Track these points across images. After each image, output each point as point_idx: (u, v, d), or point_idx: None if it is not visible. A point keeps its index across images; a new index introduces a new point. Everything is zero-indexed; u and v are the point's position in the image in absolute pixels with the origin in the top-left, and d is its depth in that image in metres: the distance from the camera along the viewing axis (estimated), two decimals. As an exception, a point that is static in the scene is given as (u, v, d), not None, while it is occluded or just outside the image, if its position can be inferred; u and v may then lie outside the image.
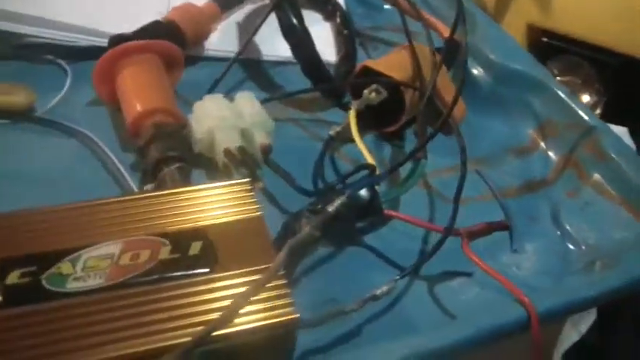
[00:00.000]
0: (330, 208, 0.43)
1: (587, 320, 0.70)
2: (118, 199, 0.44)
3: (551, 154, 0.62)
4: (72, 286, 0.38)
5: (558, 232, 0.56)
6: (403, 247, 0.51)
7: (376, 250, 0.51)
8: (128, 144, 0.55)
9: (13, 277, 0.38)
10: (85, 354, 0.35)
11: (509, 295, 0.44)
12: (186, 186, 0.47)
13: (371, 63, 0.59)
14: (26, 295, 0.37)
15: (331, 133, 0.56)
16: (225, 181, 0.46)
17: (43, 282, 0.38)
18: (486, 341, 0.42)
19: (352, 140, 0.57)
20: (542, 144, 0.63)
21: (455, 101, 0.50)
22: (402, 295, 0.48)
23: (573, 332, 0.64)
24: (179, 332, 0.36)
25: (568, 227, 0.56)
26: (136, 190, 0.51)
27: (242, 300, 0.37)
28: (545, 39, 1.20)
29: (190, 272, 0.39)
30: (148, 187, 0.50)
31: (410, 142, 0.61)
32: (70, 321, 0.36)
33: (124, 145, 0.56)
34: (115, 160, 0.53)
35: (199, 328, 0.36)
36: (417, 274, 0.49)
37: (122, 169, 0.53)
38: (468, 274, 0.50)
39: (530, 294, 0.43)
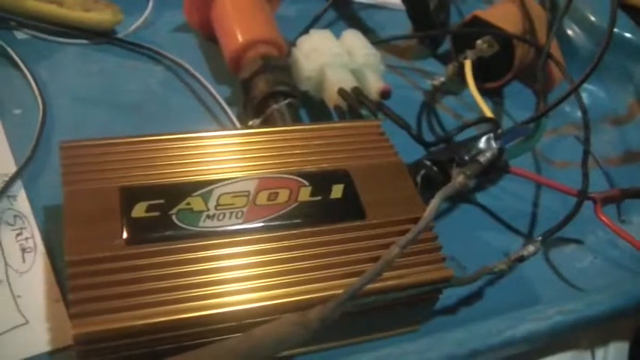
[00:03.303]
0: (483, 159, 0.40)
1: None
2: (239, 132, 0.40)
3: (651, 125, 0.59)
4: (206, 224, 0.34)
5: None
6: (514, 207, 0.49)
7: (489, 209, 0.48)
8: (222, 75, 0.51)
9: (139, 210, 0.34)
10: (224, 303, 0.31)
11: (624, 266, 0.45)
12: (296, 124, 0.44)
13: (482, 13, 0.55)
14: (155, 231, 0.33)
15: (435, 83, 0.53)
16: (341, 122, 0.42)
17: (174, 218, 0.34)
18: (626, 314, 0.40)
19: (453, 93, 0.54)
20: (641, 115, 0.60)
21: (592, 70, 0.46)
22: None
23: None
24: (326, 284, 0.33)
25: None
26: (237, 125, 0.47)
27: (396, 251, 0.34)
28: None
29: (336, 217, 0.36)
30: (254, 122, 0.46)
31: (509, 99, 0.58)
32: (206, 264, 0.32)
33: (218, 76, 0.52)
34: (213, 91, 0.49)
35: (351, 280, 0.33)
36: (531, 238, 0.47)
37: (221, 100, 0.49)
38: (580, 242, 0.47)
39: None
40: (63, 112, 0.47)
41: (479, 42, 0.53)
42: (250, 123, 0.46)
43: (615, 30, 0.60)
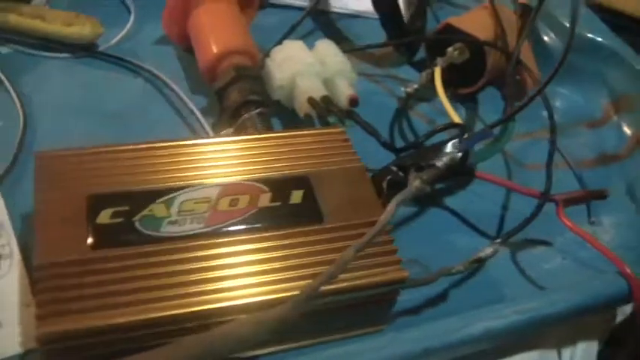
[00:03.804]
0: (440, 164, 0.41)
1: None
2: (209, 140, 0.42)
3: (625, 128, 0.60)
4: (167, 230, 0.35)
5: (634, 207, 0.54)
6: (483, 210, 0.50)
7: (457, 212, 0.49)
8: (199, 86, 0.53)
9: (104, 217, 0.36)
10: (182, 304, 0.33)
11: (593, 266, 0.45)
12: (267, 132, 0.45)
13: (454, 20, 0.57)
14: (119, 236, 0.35)
15: (408, 90, 0.54)
16: (307, 130, 0.44)
17: (136, 224, 0.35)
18: (588, 311, 0.41)
19: (427, 99, 0.55)
20: (616, 117, 0.61)
21: (556, 72, 0.47)
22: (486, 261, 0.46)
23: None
24: (284, 285, 0.34)
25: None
26: (211, 134, 0.49)
27: (352, 253, 0.35)
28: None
29: (293, 222, 0.37)
30: (226, 131, 0.47)
31: (484, 105, 0.59)
32: (165, 267, 0.34)
33: (194, 86, 0.53)
34: (188, 101, 0.51)
35: (305, 282, 0.34)
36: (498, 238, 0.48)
37: (196, 110, 0.50)
38: (549, 243, 0.48)
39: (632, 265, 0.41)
40: (45, 123, 0.48)
41: (449, 49, 0.54)
42: (223, 132, 0.47)
43: (589, 35, 0.62)
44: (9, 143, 0.46)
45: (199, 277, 0.34)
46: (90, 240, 0.34)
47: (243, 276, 0.34)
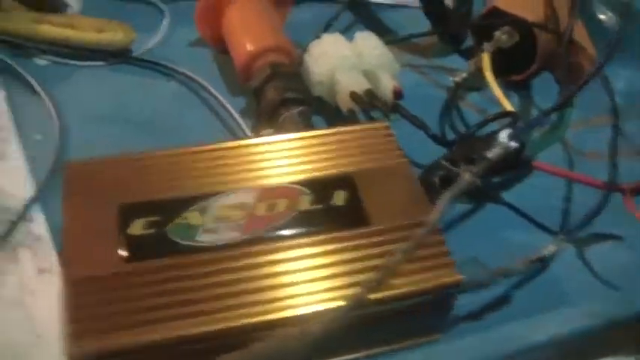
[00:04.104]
0: (491, 155, 0.38)
1: None
2: (243, 142, 0.40)
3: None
4: (203, 238, 0.33)
5: None
6: (543, 203, 0.46)
7: (515, 207, 0.46)
8: (236, 87, 0.51)
9: (137, 227, 0.34)
10: (222, 318, 0.31)
11: None
12: (310, 130, 0.43)
13: (501, 3, 0.53)
14: (152, 248, 0.33)
15: (456, 79, 0.51)
16: (348, 126, 0.41)
17: (170, 234, 0.33)
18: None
19: (477, 88, 0.52)
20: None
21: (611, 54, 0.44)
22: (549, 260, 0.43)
23: None
24: (328, 295, 0.32)
25: None
26: (250, 135, 0.47)
27: (400, 257, 0.33)
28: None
29: (337, 226, 0.34)
30: (266, 131, 0.45)
31: (537, 91, 0.55)
32: (202, 279, 0.32)
33: (232, 88, 0.51)
34: (225, 103, 0.49)
35: (351, 291, 0.32)
36: (564, 232, 0.44)
37: (234, 112, 0.48)
38: (618, 237, 0.45)
39: None
40: (82, 133, 0.47)
41: (497, 33, 0.51)
42: (263, 133, 0.45)
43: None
44: (47, 156, 0.45)
45: (238, 289, 0.32)
46: (123, 252, 0.32)
47: (284, 286, 0.32)
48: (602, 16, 0.61)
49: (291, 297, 0.32)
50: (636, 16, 0.59)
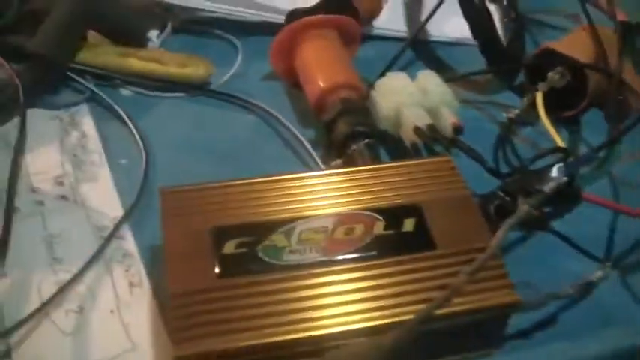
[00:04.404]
0: (547, 189, 0.42)
1: None
2: (320, 173, 0.44)
3: None
4: (288, 258, 0.38)
5: None
6: (591, 233, 0.49)
7: (565, 236, 0.49)
8: (307, 119, 0.55)
9: (229, 247, 0.38)
10: (304, 328, 0.35)
11: None
12: (375, 163, 0.47)
13: (552, 44, 0.57)
14: (244, 265, 0.37)
15: (510, 115, 0.55)
16: (414, 160, 0.45)
17: (260, 253, 0.38)
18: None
19: (529, 123, 0.56)
20: None
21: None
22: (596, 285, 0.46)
23: None
24: (399, 309, 0.36)
25: None
26: (321, 165, 0.51)
27: (464, 278, 0.36)
28: None
29: (408, 249, 0.38)
30: (336, 163, 0.49)
31: (586, 127, 0.59)
32: (288, 294, 0.36)
33: (303, 120, 0.56)
34: (299, 135, 0.53)
35: (421, 306, 0.35)
36: (607, 260, 0.48)
37: (306, 143, 0.53)
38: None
39: None
40: (163, 160, 0.52)
41: (550, 74, 0.54)
42: (333, 164, 0.49)
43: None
44: (133, 180, 0.49)
45: (320, 303, 0.36)
46: (217, 269, 0.37)
47: (361, 301, 0.36)
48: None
49: (367, 311, 0.36)
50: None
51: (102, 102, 0.56)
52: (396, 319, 0.36)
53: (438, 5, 0.60)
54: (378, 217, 0.40)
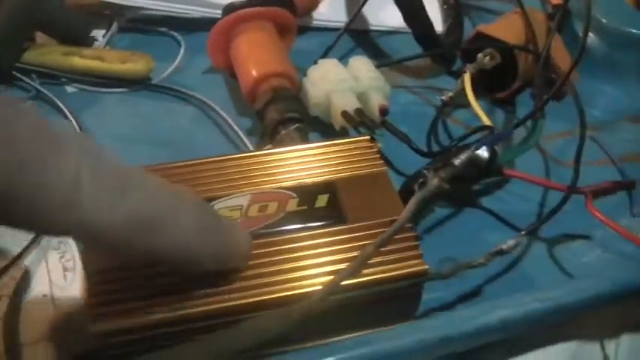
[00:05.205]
0: (457, 162, 0.43)
1: None
2: (245, 154, 0.45)
3: (669, 120, 0.60)
4: (205, 235, 0.39)
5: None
6: (520, 208, 0.51)
7: (493, 212, 0.50)
8: (244, 109, 0.56)
9: (148, 226, 0.39)
10: (214, 300, 0.36)
11: (635, 258, 0.44)
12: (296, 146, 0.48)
13: (484, 28, 0.59)
14: (161, 243, 0.38)
15: (443, 98, 0.56)
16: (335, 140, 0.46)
17: (177, 231, 0.39)
18: (614, 300, 0.41)
19: (464, 105, 0.57)
20: (660, 110, 0.61)
21: (575, 64, 0.48)
22: (522, 256, 0.48)
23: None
24: (307, 282, 0.37)
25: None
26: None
27: (372, 249, 0.38)
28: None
29: (318, 224, 0.40)
30: (266, 148, 0.50)
31: (522, 108, 0.60)
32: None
33: (240, 109, 0.57)
34: (232, 123, 0.55)
35: (329, 278, 0.37)
36: (535, 234, 0.49)
37: (239, 131, 0.54)
38: (588, 237, 0.49)
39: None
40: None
41: (479, 55, 0.56)
42: (264, 148, 0.51)
43: (630, 29, 0.62)
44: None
45: (231, 277, 0.37)
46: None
47: (269, 274, 0.37)
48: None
49: (276, 283, 0.37)
50: (617, 37, 0.64)
51: (47, 100, 0.57)
52: (304, 290, 0.37)
53: (363, 2, 0.61)
54: (292, 194, 0.41)
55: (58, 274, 0.44)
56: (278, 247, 0.38)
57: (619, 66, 0.63)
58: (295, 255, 0.38)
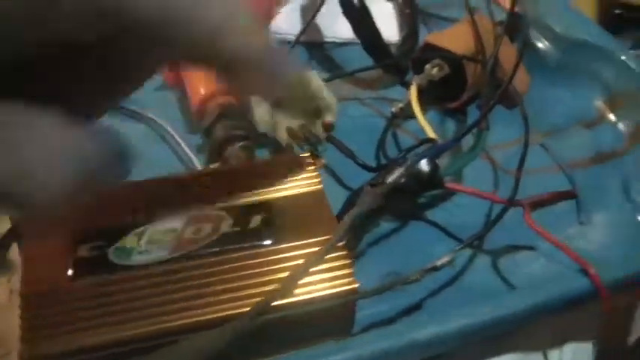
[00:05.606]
0: (390, 179, 0.43)
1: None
2: (182, 175, 0.45)
3: (621, 125, 0.60)
4: (136, 258, 0.39)
5: (629, 205, 0.54)
6: (466, 220, 0.51)
7: (438, 224, 0.51)
8: (195, 127, 0.57)
9: (82, 250, 0.40)
10: (148, 323, 0.36)
11: (575, 266, 0.44)
12: (238, 164, 0.49)
13: (433, 38, 0.59)
14: (93, 267, 0.39)
15: (393, 109, 0.57)
16: (274, 159, 0.47)
17: (110, 255, 0.39)
18: (549, 311, 0.42)
19: (414, 117, 0.57)
20: (612, 115, 0.61)
21: (515, 70, 0.49)
22: (465, 269, 0.48)
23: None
24: (239, 302, 0.37)
25: (639, 199, 0.54)
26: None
27: (302, 270, 0.38)
28: (617, 11, 1.15)
29: (250, 244, 0.40)
30: (212, 166, 0.51)
31: (474, 117, 0.60)
32: (134, 292, 0.38)
33: (191, 128, 0.57)
34: (181, 141, 0.55)
35: (259, 299, 0.37)
36: (480, 247, 0.49)
37: (187, 150, 0.54)
38: (532, 248, 0.49)
39: (596, 264, 0.42)
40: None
41: (427, 67, 0.56)
42: (211, 167, 0.51)
43: (582, 37, 0.62)
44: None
45: (162, 300, 0.37)
46: (69, 271, 0.39)
47: (203, 295, 0.38)
48: (539, 45, 0.66)
49: (208, 304, 0.37)
50: (570, 44, 0.64)
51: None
52: (237, 311, 0.37)
53: (318, 9, 0.61)
54: (227, 215, 0.41)
55: (4, 297, 0.45)
56: (211, 269, 0.39)
57: (572, 73, 0.64)
58: (227, 276, 0.39)
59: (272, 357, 0.40)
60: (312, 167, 0.45)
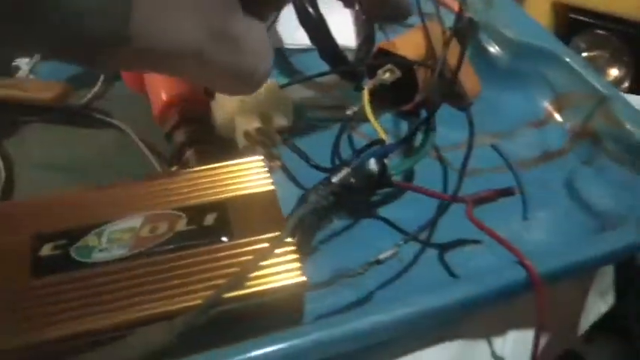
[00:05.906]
0: (335, 179, 0.45)
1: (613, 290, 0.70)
2: (143, 180, 0.47)
3: (567, 124, 0.63)
4: (97, 256, 0.42)
5: (571, 200, 0.57)
6: (416, 217, 0.53)
7: (389, 220, 0.53)
8: (157, 132, 0.59)
9: (45, 250, 0.42)
10: (108, 316, 0.39)
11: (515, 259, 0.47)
12: (193, 168, 0.51)
13: (385, 44, 0.61)
14: (56, 265, 0.41)
15: (348, 112, 0.59)
16: (229, 161, 0.49)
17: (72, 254, 0.42)
18: (489, 301, 0.44)
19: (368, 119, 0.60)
20: (558, 116, 0.64)
21: (457, 68, 0.51)
22: (413, 263, 0.51)
23: (600, 303, 0.65)
24: (192, 296, 0.40)
25: (581, 195, 0.57)
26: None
27: (252, 264, 0.40)
28: (571, 15, 1.19)
29: (204, 241, 0.42)
30: (173, 169, 0.53)
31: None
32: (94, 288, 0.40)
33: (156, 133, 0.59)
34: (143, 147, 0.57)
35: (211, 292, 0.39)
36: (428, 242, 0.52)
37: (149, 155, 0.56)
38: (478, 242, 0.52)
39: (532, 255, 0.44)
40: (25, 180, 0.56)
41: (379, 71, 0.58)
42: (170, 170, 0.53)
43: (530, 41, 0.65)
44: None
45: (119, 295, 0.40)
46: (32, 270, 0.41)
47: (157, 290, 0.40)
48: (491, 49, 0.68)
49: (163, 298, 0.40)
50: (520, 48, 0.67)
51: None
52: (189, 303, 0.39)
53: (277, 16, 0.63)
54: (182, 214, 0.44)
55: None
56: (167, 265, 0.41)
57: (521, 75, 0.66)
58: (183, 271, 0.41)
59: (223, 348, 0.42)
60: (264, 169, 0.48)
